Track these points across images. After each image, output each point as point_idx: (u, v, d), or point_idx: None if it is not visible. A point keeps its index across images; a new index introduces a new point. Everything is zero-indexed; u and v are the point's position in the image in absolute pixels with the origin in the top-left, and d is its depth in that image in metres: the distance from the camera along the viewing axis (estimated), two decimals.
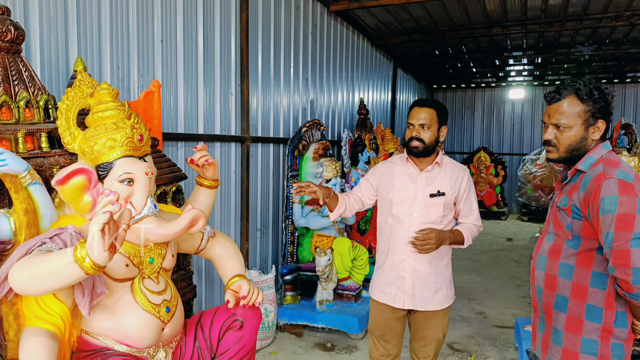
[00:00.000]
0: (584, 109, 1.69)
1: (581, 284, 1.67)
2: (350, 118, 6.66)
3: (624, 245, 1.51)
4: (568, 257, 1.71)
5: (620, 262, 1.52)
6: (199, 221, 1.57)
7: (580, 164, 1.71)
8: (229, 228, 3.99)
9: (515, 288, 5.54)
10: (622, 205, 1.52)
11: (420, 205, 2.32)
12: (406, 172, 2.39)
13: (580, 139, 1.71)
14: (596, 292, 1.65)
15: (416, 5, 5.88)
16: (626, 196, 1.53)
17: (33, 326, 1.46)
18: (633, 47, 7.80)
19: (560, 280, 1.72)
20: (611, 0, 5.67)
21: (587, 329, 1.67)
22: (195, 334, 1.83)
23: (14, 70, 1.75)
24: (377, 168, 2.53)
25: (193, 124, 3.51)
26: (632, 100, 11.14)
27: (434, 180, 2.35)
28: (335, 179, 4.40)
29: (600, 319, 1.65)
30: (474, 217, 2.46)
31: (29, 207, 1.52)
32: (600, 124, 1.70)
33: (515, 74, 10.85)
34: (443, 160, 2.41)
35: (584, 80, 1.71)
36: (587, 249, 1.67)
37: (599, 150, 1.70)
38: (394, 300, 2.38)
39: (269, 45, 4.46)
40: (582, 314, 1.67)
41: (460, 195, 2.40)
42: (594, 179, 1.61)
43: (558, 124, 1.72)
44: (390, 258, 2.38)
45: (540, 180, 10.10)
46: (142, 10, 3.01)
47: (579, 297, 1.68)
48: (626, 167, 1.62)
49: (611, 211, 1.54)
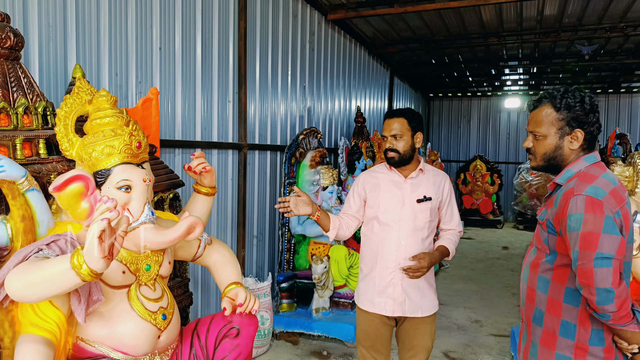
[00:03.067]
0: (558, 117, 1.65)
1: (555, 299, 1.65)
2: (347, 126, 6.68)
3: (587, 265, 1.47)
4: (545, 272, 1.69)
5: (585, 281, 1.48)
6: (196, 228, 1.58)
7: (558, 178, 1.69)
8: (226, 235, 3.99)
9: (511, 297, 5.54)
10: (587, 223, 1.49)
11: (408, 212, 2.34)
12: (392, 180, 2.40)
13: (555, 147, 1.68)
14: (569, 309, 1.62)
15: (413, 15, 5.93)
16: (591, 214, 1.49)
17: (28, 333, 1.45)
18: (627, 58, 7.89)
19: (538, 293, 1.70)
20: (605, 12, 5.74)
21: (561, 345, 1.63)
22: (192, 342, 1.83)
23: (12, 76, 1.76)
24: (359, 180, 2.50)
25: (190, 131, 3.52)
26: (626, 110, 11.23)
27: (419, 187, 2.38)
28: (332, 186, 4.41)
29: (573, 336, 1.61)
30: (455, 222, 2.49)
31: (26, 213, 1.52)
32: (578, 133, 1.64)
33: (511, 83, 10.93)
34: (425, 167, 2.45)
35: (566, 88, 1.68)
36: (561, 264, 1.64)
37: (579, 163, 1.65)
38: (384, 309, 2.36)
39: (266, 53, 4.48)
40: (557, 330, 1.64)
41: (443, 200, 2.44)
42: (564, 195, 1.59)
43: (534, 132, 1.72)
44: (379, 266, 2.37)
45: (536, 189, 10.14)
46: (140, 18, 3.03)
47: (554, 312, 1.65)
48: (603, 182, 1.56)
49: (576, 229, 1.51)
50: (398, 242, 2.32)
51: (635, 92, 11.03)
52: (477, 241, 9.05)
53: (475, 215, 10.74)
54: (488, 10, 5.82)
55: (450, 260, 2.49)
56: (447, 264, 6.97)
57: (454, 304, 5.21)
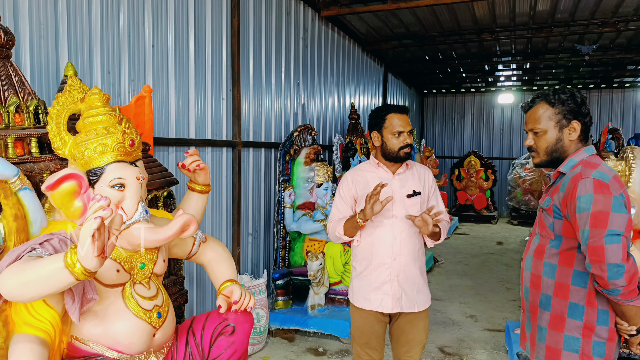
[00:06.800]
0: (554, 111, 1.79)
1: (563, 282, 1.74)
2: (342, 123, 6.68)
3: (598, 242, 1.57)
4: (551, 257, 1.78)
5: (596, 258, 1.58)
6: (191, 226, 1.57)
7: (562, 167, 1.80)
8: (221, 233, 3.98)
9: (505, 291, 5.57)
10: (597, 203, 1.60)
11: (400, 207, 2.35)
12: (380, 177, 2.40)
13: (556, 140, 1.80)
14: (577, 290, 1.71)
15: (406, 11, 5.93)
16: (600, 195, 1.60)
17: (22, 333, 1.45)
18: (619, 53, 7.93)
19: (544, 279, 1.79)
20: (597, 7, 5.76)
21: (569, 326, 1.73)
22: (187, 340, 1.83)
23: (3, 75, 1.75)
24: (347, 179, 2.46)
25: (184, 128, 3.50)
26: (619, 105, 11.30)
27: (407, 182, 2.40)
28: (326, 183, 4.41)
29: (581, 317, 1.71)
30: (441, 212, 2.48)
31: (18, 212, 1.51)
32: (575, 125, 1.78)
33: (505, 79, 10.96)
34: (410, 162, 2.47)
35: (555, 88, 1.83)
36: (568, 248, 1.74)
37: (580, 154, 1.78)
38: (380, 306, 2.36)
39: (260, 50, 4.47)
40: (565, 312, 1.73)
41: (429, 192, 2.47)
42: (572, 179, 1.70)
43: (534, 129, 1.83)
44: (374, 263, 2.37)
45: (530, 184, 10.19)
46: (133, 15, 3.01)
47: (562, 295, 1.74)
48: (605, 168, 1.70)
49: (586, 209, 1.61)
50: (393, 238, 2.33)
51: (627, 87, 11.09)
52: (471, 237, 9.09)
53: (469, 210, 10.79)
54: (481, 6, 5.83)
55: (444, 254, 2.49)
56: (441, 259, 7.00)
57: (448, 299, 5.24)
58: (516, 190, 10.48)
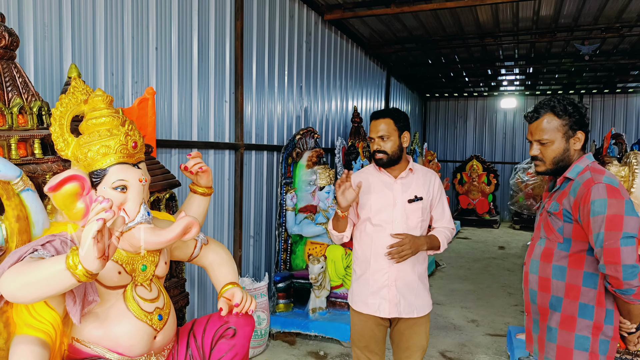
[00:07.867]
0: (562, 123, 1.84)
1: (574, 284, 1.79)
2: (344, 126, 6.68)
3: (614, 244, 1.63)
4: (560, 260, 1.83)
5: (611, 259, 1.64)
6: (192, 228, 1.57)
7: (569, 172, 1.85)
8: (222, 235, 3.98)
9: (507, 296, 5.55)
10: (611, 207, 1.66)
11: (400, 212, 2.33)
12: (382, 181, 2.40)
13: (563, 150, 1.85)
14: (588, 291, 1.77)
15: (409, 15, 5.94)
16: (614, 199, 1.67)
17: (23, 334, 1.44)
18: (623, 58, 7.92)
19: (554, 282, 1.84)
20: (601, 12, 5.76)
21: (580, 326, 1.78)
22: (188, 342, 1.82)
23: (7, 76, 1.75)
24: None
25: (187, 131, 3.51)
26: (622, 110, 11.27)
27: (409, 187, 2.38)
28: (328, 186, 4.41)
29: (592, 316, 1.77)
30: (446, 219, 2.47)
31: (21, 213, 1.52)
32: (579, 135, 1.84)
33: (507, 83, 10.96)
34: (415, 166, 2.44)
35: (558, 98, 1.87)
36: (577, 251, 1.79)
37: (584, 160, 1.84)
38: (378, 310, 2.35)
39: (263, 53, 4.47)
40: (576, 312, 1.79)
41: (434, 198, 2.44)
42: (584, 184, 1.75)
43: (541, 140, 1.87)
44: (373, 267, 2.36)
45: (532, 189, 10.17)
46: (137, 17, 3.02)
47: (572, 296, 1.79)
48: (610, 174, 1.78)
49: (601, 213, 1.67)
50: (392, 243, 2.32)
51: (630, 92, 11.07)
52: (473, 241, 9.07)
53: (471, 215, 10.76)
54: (484, 10, 5.83)
55: (446, 258, 2.49)
56: (443, 263, 6.98)
57: (450, 303, 5.22)
58: (518, 194, 10.46)
